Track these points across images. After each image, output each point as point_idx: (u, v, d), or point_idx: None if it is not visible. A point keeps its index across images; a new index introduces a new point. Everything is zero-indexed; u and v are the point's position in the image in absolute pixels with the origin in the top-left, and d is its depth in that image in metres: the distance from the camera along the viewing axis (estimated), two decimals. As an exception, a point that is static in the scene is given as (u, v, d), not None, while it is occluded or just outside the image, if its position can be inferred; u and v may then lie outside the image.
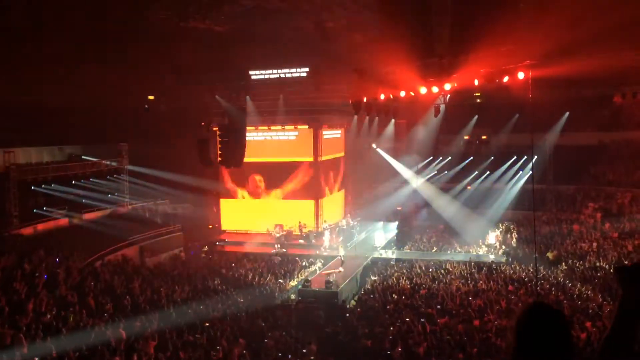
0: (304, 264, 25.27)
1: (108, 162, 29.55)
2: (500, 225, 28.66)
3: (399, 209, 32.74)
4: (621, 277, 2.11)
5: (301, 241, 28.59)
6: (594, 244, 24.44)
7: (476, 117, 33.82)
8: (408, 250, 27.41)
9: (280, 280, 22.90)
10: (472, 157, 34.56)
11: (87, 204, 27.49)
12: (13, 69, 22.01)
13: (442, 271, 22.73)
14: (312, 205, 30.71)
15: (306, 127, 30.78)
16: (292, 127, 30.95)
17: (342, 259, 24.86)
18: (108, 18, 21.16)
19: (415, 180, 33.73)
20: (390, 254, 27.02)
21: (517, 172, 32.40)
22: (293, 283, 22.93)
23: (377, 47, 21.13)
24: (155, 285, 19.04)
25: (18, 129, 24.12)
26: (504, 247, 26.20)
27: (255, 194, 31.87)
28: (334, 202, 33.36)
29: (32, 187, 24.85)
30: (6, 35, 20.23)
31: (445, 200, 31.36)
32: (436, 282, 21.25)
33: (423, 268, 23.50)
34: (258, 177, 31.67)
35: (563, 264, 22.81)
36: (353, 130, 32.64)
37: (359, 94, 24.92)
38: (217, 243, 29.14)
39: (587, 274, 20.98)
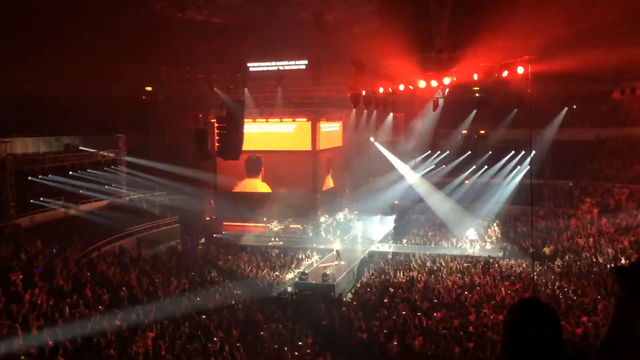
0: (300, 257, 25.30)
1: (105, 153, 29.42)
2: (491, 220, 28.82)
3: (396, 202, 32.75)
4: (619, 278, 2.10)
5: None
6: (590, 240, 24.50)
7: (474, 111, 33.78)
8: (405, 244, 27.44)
9: (277, 273, 22.93)
10: (470, 152, 34.56)
11: (84, 194, 27.41)
12: (10, 60, 21.90)
13: (439, 265, 22.78)
14: (309, 198, 30.67)
15: (304, 119, 30.71)
16: (290, 119, 30.87)
17: (338, 252, 24.87)
18: (106, 9, 21.08)
19: (411, 176, 33.69)
20: (387, 248, 27.06)
21: (514, 167, 32.42)
22: (290, 276, 22.97)
23: (376, 40, 21.09)
24: (152, 277, 19.04)
25: (15, 119, 24.01)
26: (489, 241, 26.38)
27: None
28: (331, 195, 33.33)
29: (29, 178, 24.76)
30: (3, 26, 20.13)
31: (439, 196, 31.31)
32: (433, 276, 21.31)
33: (420, 262, 23.54)
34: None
35: (559, 259, 22.87)
36: (351, 124, 32.57)
37: (357, 87, 24.84)
38: (214, 235, 29.13)
39: (584, 269, 21.04)
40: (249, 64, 28.61)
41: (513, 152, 32.52)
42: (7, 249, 18.57)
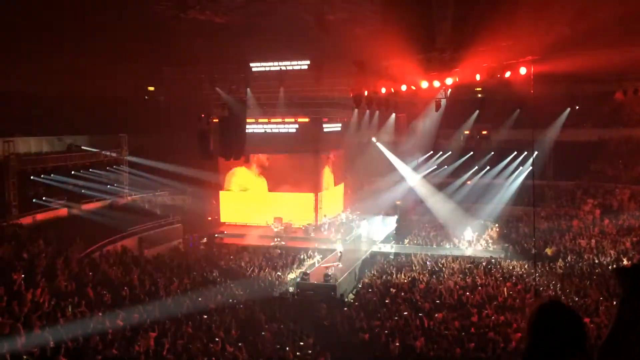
0: (302, 257, 25.29)
1: (107, 153, 29.47)
2: (489, 221, 28.85)
3: (398, 203, 32.73)
4: (620, 279, 2.09)
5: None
6: (593, 241, 24.46)
7: (477, 112, 33.71)
8: (407, 245, 27.43)
9: (278, 273, 22.92)
10: (472, 152, 34.53)
11: (87, 194, 27.46)
12: (13, 59, 21.94)
13: (441, 266, 22.76)
14: (311, 199, 30.68)
15: (306, 119, 30.70)
16: (292, 119, 30.86)
17: (340, 252, 24.86)
18: (108, 8, 21.11)
19: (411, 177, 33.61)
20: (389, 248, 27.05)
21: (517, 168, 32.38)
22: (292, 276, 22.96)
23: (378, 41, 21.06)
24: (154, 277, 19.05)
25: (18, 119, 24.05)
26: (486, 242, 26.39)
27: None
28: (333, 196, 33.33)
29: (32, 177, 24.80)
30: (6, 26, 20.17)
31: (438, 197, 31.26)
32: (434, 276, 21.29)
33: (422, 262, 23.53)
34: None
35: (561, 260, 22.83)
36: (353, 124, 32.56)
37: (359, 87, 24.85)
38: (216, 235, 29.16)
39: (586, 270, 21.01)
40: (251, 64, 28.62)
41: (515, 152, 32.49)
42: (9, 249, 18.61)
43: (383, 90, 24.78)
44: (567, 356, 2.08)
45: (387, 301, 18.09)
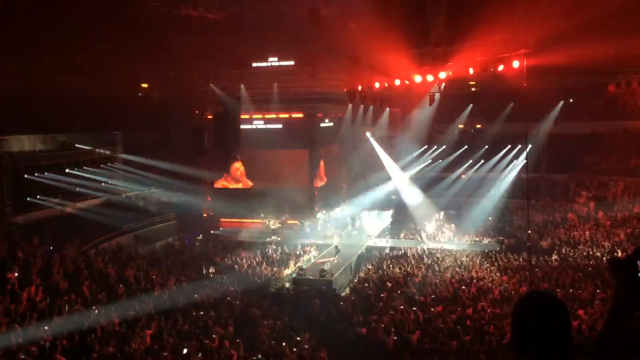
0: (298, 252, 25.31)
1: (102, 151, 29.33)
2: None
3: (393, 197, 32.77)
4: (615, 270, 2.11)
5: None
6: (587, 233, 24.59)
7: (471, 106, 33.78)
8: (402, 239, 27.49)
9: (274, 269, 22.94)
10: (466, 146, 34.60)
11: (81, 192, 27.33)
12: (5, 57, 21.80)
13: (436, 259, 22.84)
14: (307, 194, 30.67)
15: (300, 115, 30.66)
16: (287, 115, 30.82)
17: (337, 247, 24.90)
18: (101, 5, 21.01)
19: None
20: (385, 243, 27.10)
21: (511, 161, 32.48)
22: (287, 271, 22.98)
23: (372, 35, 21.05)
24: (150, 274, 19.02)
25: (10, 117, 23.89)
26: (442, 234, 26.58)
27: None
28: (328, 191, 33.32)
29: (25, 176, 24.66)
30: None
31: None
32: (430, 270, 21.36)
33: (417, 256, 23.59)
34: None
35: (556, 252, 22.95)
36: (347, 119, 32.54)
37: (353, 83, 24.86)
38: (212, 232, 29.11)
39: (581, 262, 21.12)
40: (247, 61, 28.56)
41: (509, 146, 32.58)
42: (3, 248, 18.53)
43: (377, 85, 24.80)
44: (552, 346, 2.07)
45: (383, 295, 18.14)
